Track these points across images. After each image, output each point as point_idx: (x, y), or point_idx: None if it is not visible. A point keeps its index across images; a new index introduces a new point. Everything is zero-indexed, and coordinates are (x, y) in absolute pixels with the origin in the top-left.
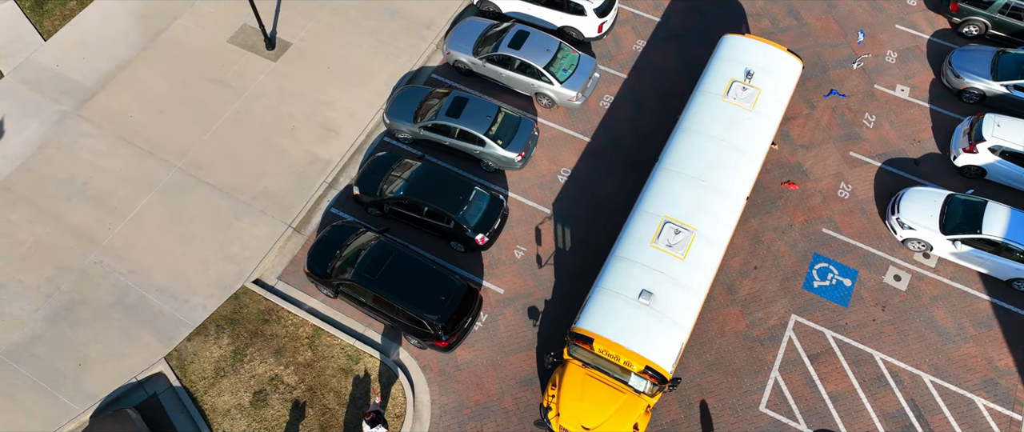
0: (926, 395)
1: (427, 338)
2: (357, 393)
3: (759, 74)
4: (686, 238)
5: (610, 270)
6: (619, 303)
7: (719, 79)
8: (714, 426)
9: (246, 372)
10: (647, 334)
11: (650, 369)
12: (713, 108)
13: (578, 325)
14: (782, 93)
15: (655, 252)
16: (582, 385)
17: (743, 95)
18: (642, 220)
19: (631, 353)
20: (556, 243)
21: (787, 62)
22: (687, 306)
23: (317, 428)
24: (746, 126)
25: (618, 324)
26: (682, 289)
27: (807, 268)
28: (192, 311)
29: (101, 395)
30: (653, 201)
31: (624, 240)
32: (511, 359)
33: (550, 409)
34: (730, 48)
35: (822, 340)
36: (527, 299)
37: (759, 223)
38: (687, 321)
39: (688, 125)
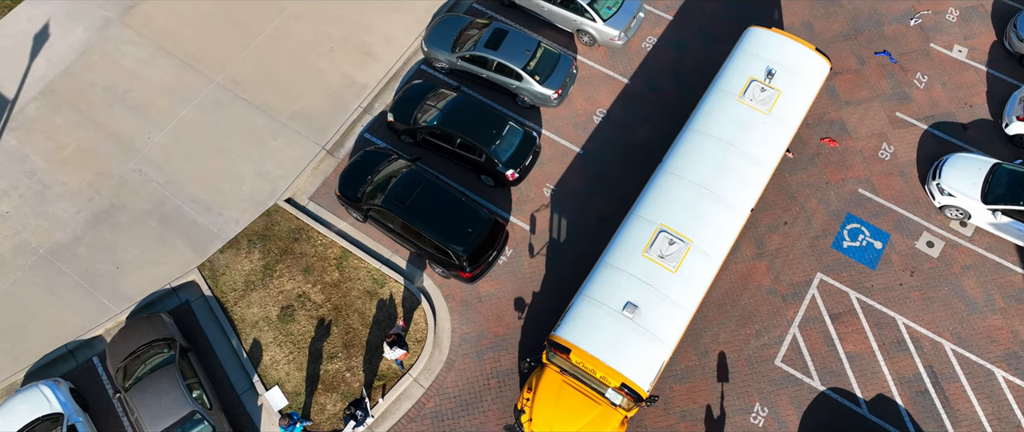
0: (945, 363)
1: (451, 268)
2: (380, 315)
3: (781, 74)
4: (680, 250)
5: (596, 278)
6: (601, 314)
7: (737, 76)
8: (728, 375)
9: (275, 287)
10: (627, 349)
11: (626, 386)
12: (727, 108)
13: (557, 333)
14: (804, 97)
15: (646, 262)
16: (558, 392)
17: (761, 96)
18: (636, 226)
19: (608, 368)
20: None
21: (814, 63)
22: (673, 323)
23: (340, 346)
24: (760, 131)
25: (598, 336)
26: (670, 304)
27: (838, 227)
28: (225, 224)
29: (137, 298)
30: (650, 206)
31: (615, 246)
32: (532, 296)
33: (523, 412)
34: (753, 42)
35: (845, 300)
36: (552, 237)
37: (794, 179)
38: (671, 339)
39: (698, 125)
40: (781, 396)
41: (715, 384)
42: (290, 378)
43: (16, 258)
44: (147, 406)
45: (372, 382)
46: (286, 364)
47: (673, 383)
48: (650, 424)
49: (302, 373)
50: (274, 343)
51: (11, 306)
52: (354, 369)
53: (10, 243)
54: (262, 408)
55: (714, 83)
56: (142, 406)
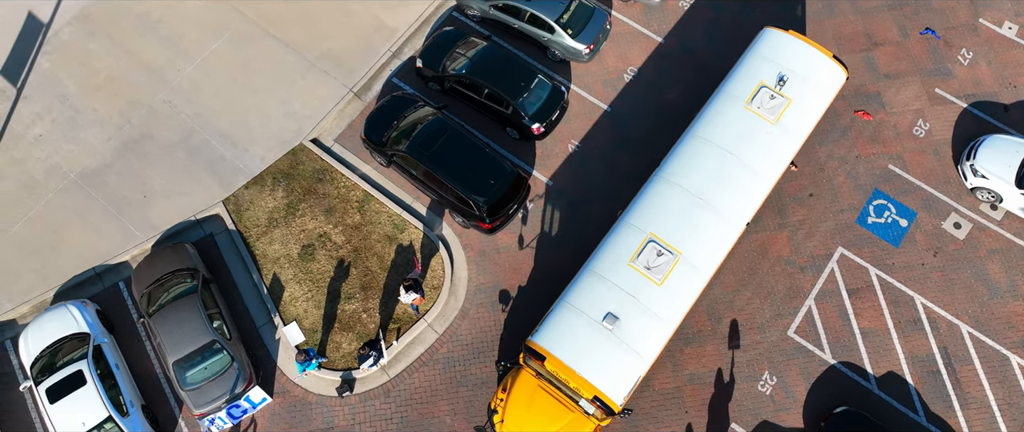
0: (960, 345)
1: (471, 218)
2: (399, 260)
3: (793, 81)
4: (668, 262)
5: (579, 285)
6: (580, 323)
7: (747, 80)
8: (740, 342)
9: (297, 226)
10: (603, 362)
11: (598, 399)
12: (732, 114)
13: (534, 339)
14: (815, 108)
15: (631, 272)
16: (531, 395)
17: (769, 104)
18: (625, 233)
19: (581, 379)
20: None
21: (829, 71)
22: (653, 337)
23: (358, 287)
24: (764, 142)
25: (574, 346)
26: (651, 318)
27: (864, 202)
28: (251, 161)
29: (162, 227)
30: (641, 213)
31: (601, 253)
32: (548, 252)
33: (496, 412)
34: (768, 44)
35: (865, 276)
36: (574, 194)
37: (825, 150)
38: (649, 354)
39: (699, 130)
40: (791, 366)
41: (726, 350)
42: (308, 315)
43: (48, 181)
44: (169, 332)
45: (387, 325)
46: (305, 301)
47: (683, 346)
48: (658, 386)
49: (320, 311)
50: (294, 280)
51: (42, 228)
52: (370, 311)
53: (42, 166)
54: (279, 342)
55: (722, 85)
56: (164, 332)
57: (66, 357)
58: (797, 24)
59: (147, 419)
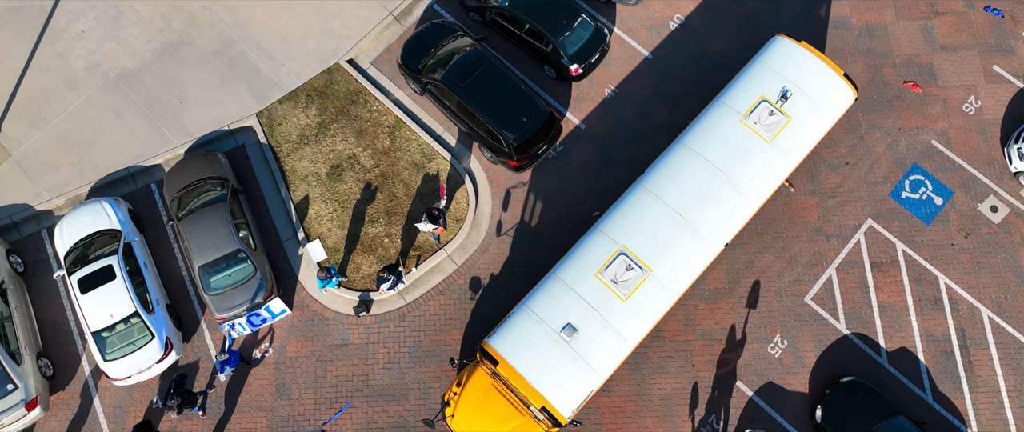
0: (978, 329)
1: (500, 154)
2: (424, 189)
3: (797, 99)
4: (636, 278)
5: (542, 291)
6: (538, 331)
7: (748, 92)
8: (756, 303)
9: (327, 145)
10: (556, 373)
11: (546, 410)
12: (726, 127)
13: (490, 342)
14: (815, 130)
15: (597, 284)
16: (484, 394)
17: (767, 121)
18: (597, 242)
19: (531, 389)
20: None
21: (837, 91)
22: (611, 353)
23: (383, 212)
24: (757, 161)
25: (529, 354)
26: (612, 334)
27: (901, 177)
28: (287, 76)
29: (196, 134)
30: (616, 223)
31: (569, 260)
32: (574, 194)
33: (449, 405)
34: (776, 55)
35: (891, 251)
36: (606, 140)
37: (867, 120)
38: (605, 369)
39: (690, 141)
40: (803, 332)
41: (741, 309)
42: (331, 234)
43: (88, 78)
44: (196, 238)
45: (408, 251)
46: (329, 220)
47: (698, 302)
48: (668, 337)
49: (343, 231)
50: (320, 199)
51: (81, 123)
52: (393, 236)
53: (83, 62)
54: (302, 258)
55: (721, 94)
56: (192, 237)
57: (98, 251)
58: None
59: (171, 318)
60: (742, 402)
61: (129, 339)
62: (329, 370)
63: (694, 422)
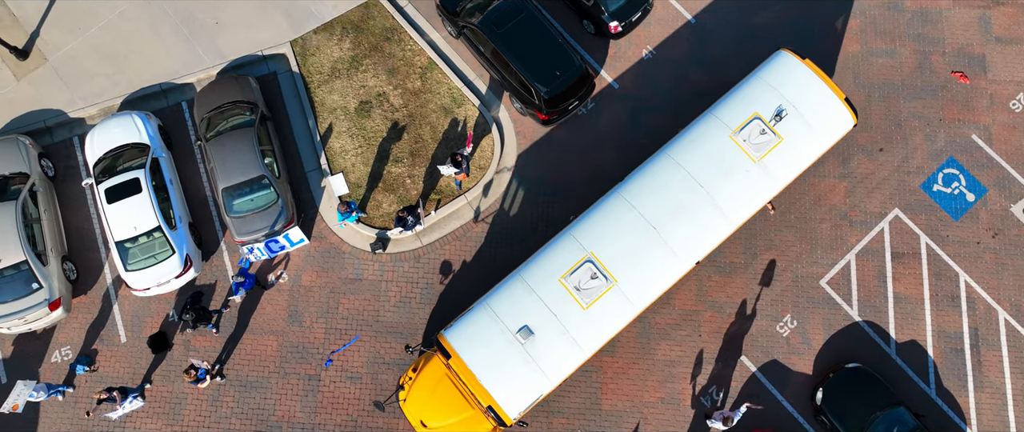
0: (993, 330)
1: (530, 106)
2: (450, 133)
3: (792, 120)
4: (600, 287)
5: (504, 289)
6: (495, 330)
7: (742, 107)
8: (770, 281)
9: (358, 80)
10: (507, 374)
11: (493, 409)
12: (714, 142)
13: (445, 334)
14: (806, 154)
15: (559, 289)
16: (437, 383)
17: (757, 140)
18: (565, 246)
19: (480, 387)
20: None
21: (835, 115)
22: (564, 361)
23: (407, 152)
24: (740, 180)
25: (482, 352)
26: (568, 341)
27: (935, 169)
28: (323, 6)
29: (230, 57)
30: (587, 229)
31: (535, 261)
32: (600, 154)
33: (403, 389)
34: (777, 70)
35: (914, 243)
36: (638, 102)
37: (907, 107)
38: (557, 376)
39: (674, 152)
40: (814, 315)
41: (754, 286)
42: (355, 170)
43: None
44: (223, 160)
45: (429, 194)
46: (354, 155)
47: (713, 273)
48: (678, 305)
49: (367, 168)
50: (347, 133)
51: (117, 34)
52: (415, 177)
53: None
54: (324, 190)
55: (714, 106)
56: (218, 159)
57: (126, 164)
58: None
59: (192, 236)
60: (744, 376)
61: (150, 252)
62: (341, 302)
63: (694, 390)
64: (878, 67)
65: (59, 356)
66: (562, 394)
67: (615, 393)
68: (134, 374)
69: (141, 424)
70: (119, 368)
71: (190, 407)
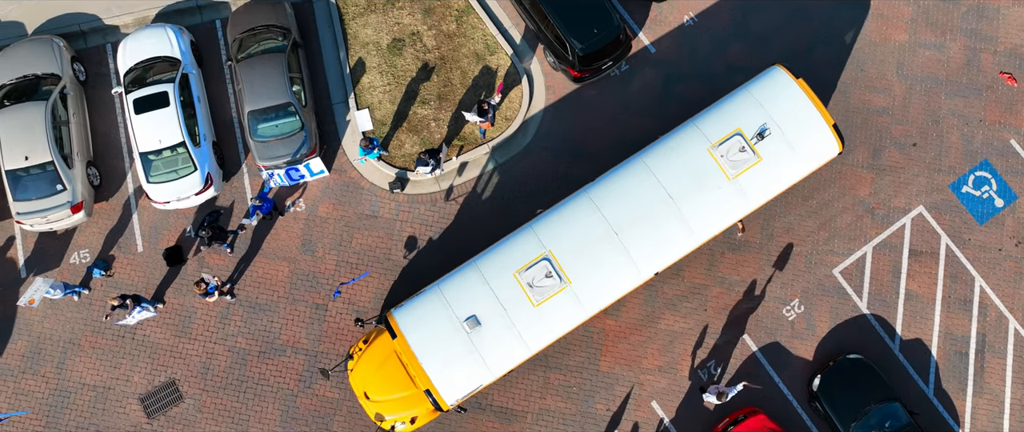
0: (1001, 337)
1: (563, 61)
2: (480, 80)
3: (775, 140)
4: (553, 287)
5: (458, 276)
6: (443, 316)
7: (725, 120)
8: (783, 265)
9: (393, 18)
10: (449, 361)
11: (430, 393)
12: (691, 153)
13: (394, 313)
14: (784, 176)
15: (512, 283)
16: (384, 359)
17: (735, 157)
18: (524, 240)
19: (421, 369)
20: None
21: (820, 141)
22: (508, 355)
23: (435, 95)
24: (712, 196)
25: (428, 336)
26: (514, 336)
27: (967, 170)
28: None
29: None
30: (549, 226)
31: (492, 252)
32: (627, 118)
33: (352, 358)
34: (767, 87)
35: (934, 242)
36: (673, 69)
37: (949, 104)
38: (498, 369)
39: (649, 158)
40: (823, 302)
41: (767, 267)
42: (381, 107)
43: None
44: (251, 83)
45: (452, 139)
46: (382, 92)
47: (726, 251)
48: (687, 278)
49: (393, 107)
50: (377, 69)
51: None
52: (440, 121)
53: None
54: (348, 124)
55: (697, 116)
56: (247, 81)
57: (156, 76)
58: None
59: (215, 155)
60: (744, 355)
61: (173, 166)
62: (355, 237)
63: (693, 363)
64: (924, 59)
65: (78, 258)
66: (562, 351)
67: (614, 356)
68: (148, 283)
69: (151, 333)
70: (134, 276)
71: (199, 322)
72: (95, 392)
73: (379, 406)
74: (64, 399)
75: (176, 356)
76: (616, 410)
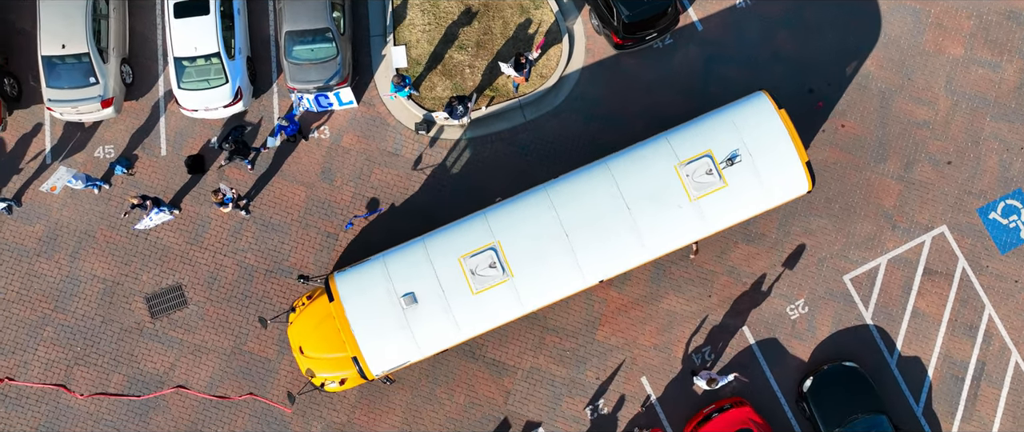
0: (1000, 367)
1: (608, 26)
2: (520, 33)
3: (744, 168)
4: (495, 277)
5: (404, 252)
6: (382, 288)
7: (697, 139)
8: (794, 264)
9: None
10: (380, 333)
11: (357, 360)
12: (656, 167)
13: (336, 277)
14: (747, 207)
15: (456, 268)
16: (323, 317)
17: (701, 179)
18: (474, 228)
19: (351, 336)
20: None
21: (790, 177)
22: (439, 337)
23: (474, 42)
24: (670, 214)
25: (364, 304)
26: (448, 320)
27: (998, 196)
28: None
29: None
30: (501, 217)
31: (442, 234)
32: (663, 94)
33: (294, 311)
34: (747, 113)
35: (950, 264)
36: (717, 49)
37: (991, 127)
38: (428, 349)
39: (615, 165)
40: (827, 306)
41: (777, 264)
42: (418, 46)
43: None
44: (292, 3)
45: (484, 89)
46: (421, 31)
47: (740, 241)
48: (696, 262)
49: (430, 47)
50: (419, 7)
51: None
52: (475, 69)
53: None
54: (383, 59)
55: (671, 130)
56: (289, 1)
57: None
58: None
59: (247, 71)
60: (741, 346)
61: (206, 75)
62: (374, 172)
63: (688, 347)
64: (976, 77)
65: (102, 153)
66: (561, 313)
67: (612, 327)
68: (167, 188)
69: (164, 236)
70: (154, 179)
71: (212, 232)
72: (104, 285)
73: (312, 362)
74: (74, 287)
75: (186, 262)
76: (605, 380)
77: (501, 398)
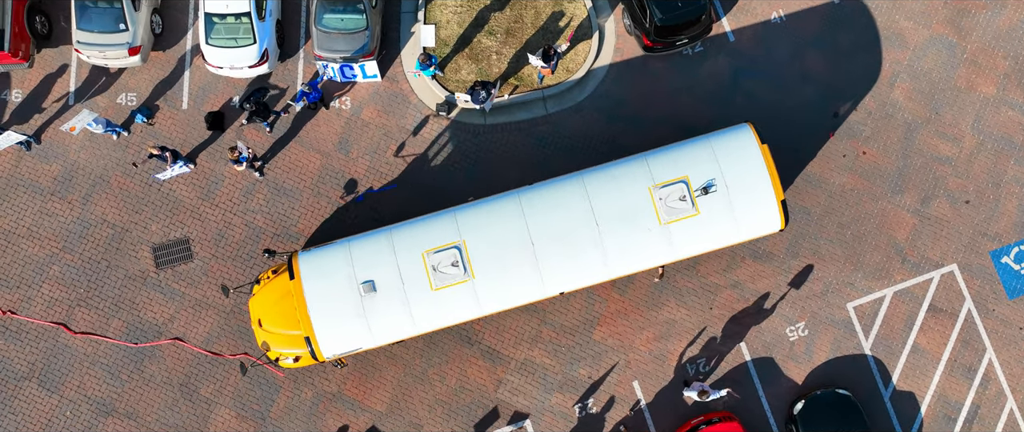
0: (994, 413)
1: (639, 27)
2: (551, 25)
3: (718, 198)
4: (455, 276)
5: (370, 240)
6: (343, 273)
7: (675, 164)
8: (800, 285)
9: None
10: (335, 317)
11: (310, 341)
12: (632, 187)
13: (299, 256)
14: (716, 238)
15: (418, 262)
16: (283, 293)
17: (673, 203)
18: (442, 225)
19: (307, 317)
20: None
21: (764, 213)
22: (393, 328)
23: (503, 28)
24: (637, 237)
25: (323, 286)
26: (405, 313)
27: (1013, 241)
28: None
29: None
30: (470, 217)
31: (409, 227)
32: (688, 101)
33: (259, 283)
34: (729, 143)
35: (957, 304)
36: (747, 62)
37: (1016, 170)
38: (381, 339)
39: (589, 181)
40: (828, 332)
41: (783, 284)
42: (448, 27)
43: None
44: None
45: (509, 77)
46: (452, 13)
47: (747, 256)
48: (702, 273)
49: (459, 29)
50: None
51: None
52: (502, 56)
53: None
54: (412, 36)
55: (650, 152)
56: None
57: None
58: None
59: (276, 34)
60: (736, 362)
61: (234, 34)
62: (391, 147)
63: (683, 356)
64: (1005, 119)
65: (124, 100)
66: (561, 308)
67: (610, 328)
68: (185, 141)
69: (177, 189)
70: (173, 131)
71: (224, 190)
72: (113, 230)
73: (269, 336)
74: (84, 229)
75: (195, 217)
76: (597, 380)
77: (492, 386)
